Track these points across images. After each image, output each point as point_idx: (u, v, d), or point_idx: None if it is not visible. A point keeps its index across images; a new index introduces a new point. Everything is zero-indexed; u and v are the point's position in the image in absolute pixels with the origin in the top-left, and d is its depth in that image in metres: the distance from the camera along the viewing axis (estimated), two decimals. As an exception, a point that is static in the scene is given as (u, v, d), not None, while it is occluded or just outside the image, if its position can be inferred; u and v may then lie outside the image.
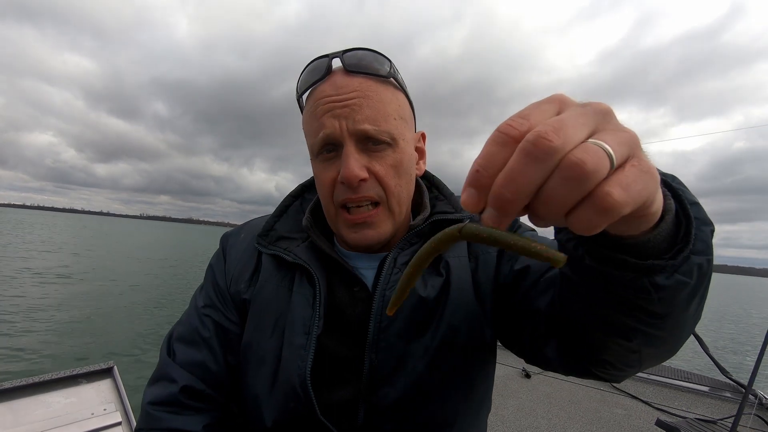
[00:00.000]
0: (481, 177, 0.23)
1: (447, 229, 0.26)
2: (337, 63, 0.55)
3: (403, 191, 0.57)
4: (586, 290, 0.38)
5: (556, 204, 0.22)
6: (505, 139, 0.23)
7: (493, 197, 0.23)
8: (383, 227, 0.57)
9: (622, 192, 0.22)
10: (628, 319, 0.37)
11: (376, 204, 0.55)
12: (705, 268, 0.33)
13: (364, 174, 0.53)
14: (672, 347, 0.42)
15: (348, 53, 0.54)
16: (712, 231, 0.34)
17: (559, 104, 0.25)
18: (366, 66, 0.54)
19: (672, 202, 0.32)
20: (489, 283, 0.59)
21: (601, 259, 0.33)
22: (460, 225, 0.25)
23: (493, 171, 0.23)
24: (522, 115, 0.24)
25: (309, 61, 0.56)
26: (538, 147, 0.21)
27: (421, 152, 0.64)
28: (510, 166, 0.22)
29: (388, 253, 0.60)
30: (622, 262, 0.32)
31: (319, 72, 0.55)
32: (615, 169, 0.22)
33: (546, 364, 0.53)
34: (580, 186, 0.22)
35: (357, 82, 0.53)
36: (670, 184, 0.34)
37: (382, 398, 0.55)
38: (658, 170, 0.30)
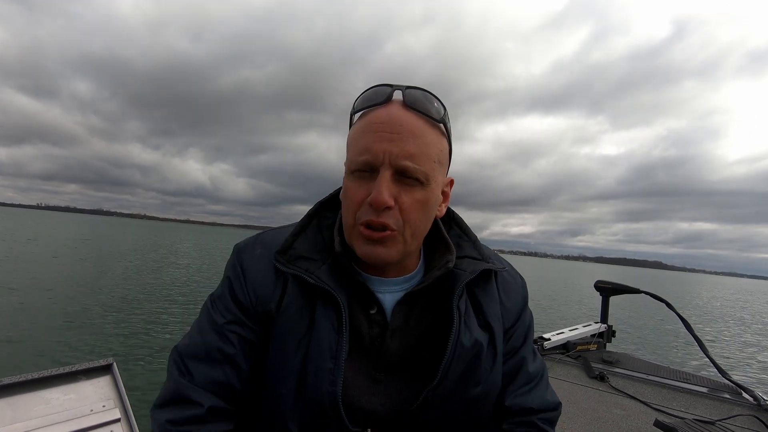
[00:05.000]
0: None
1: None
2: (398, 95, 0.59)
3: (420, 226, 0.60)
4: None
5: None
6: None
7: None
8: (393, 250, 0.59)
9: None
10: None
11: (392, 230, 0.58)
12: None
13: (392, 202, 0.56)
14: None
15: (410, 89, 0.59)
16: None
17: None
18: (421, 106, 0.58)
19: None
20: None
21: None
22: None
23: None
24: None
25: (372, 85, 0.61)
26: None
27: (445, 196, 0.67)
28: None
29: (402, 278, 0.66)
30: None
31: (380, 97, 0.59)
32: None
33: None
34: None
35: (411, 119, 0.57)
36: None
37: (416, 420, 0.62)
38: None
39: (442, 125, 0.61)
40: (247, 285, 0.64)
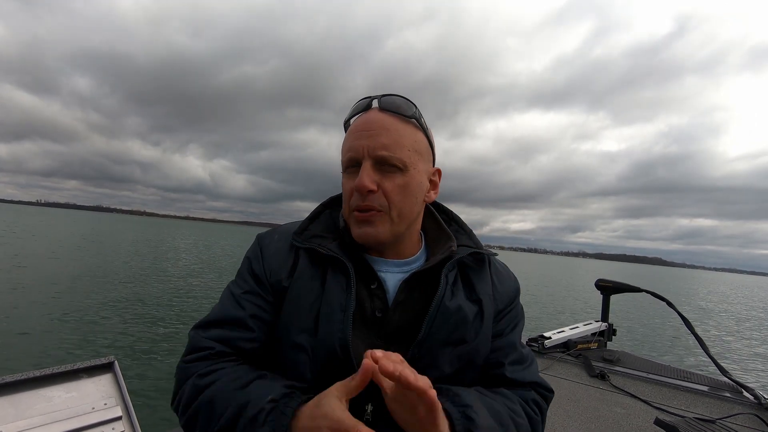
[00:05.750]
0: None
1: None
2: (375, 103, 0.70)
3: (405, 208, 0.69)
4: None
5: None
6: None
7: None
8: (381, 228, 0.68)
9: None
10: None
11: (378, 210, 0.67)
12: None
13: (374, 186, 0.65)
14: None
15: (385, 97, 0.69)
16: None
17: None
18: (393, 106, 0.68)
19: None
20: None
21: None
22: None
23: None
24: None
25: (359, 99, 0.72)
26: None
27: (434, 184, 0.76)
28: None
29: (408, 261, 0.73)
30: None
31: (361, 107, 0.70)
32: None
33: None
34: None
35: (384, 118, 0.67)
36: None
37: None
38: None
39: (414, 120, 0.69)
40: (264, 260, 0.73)
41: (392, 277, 0.72)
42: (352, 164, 0.68)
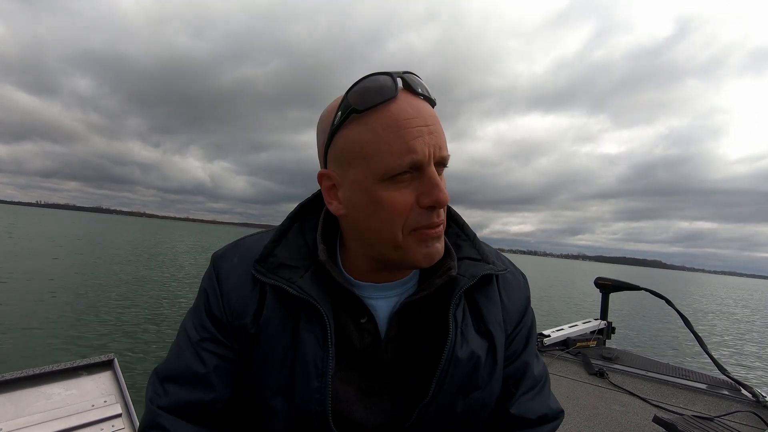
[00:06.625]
0: None
1: None
2: (399, 83, 0.52)
3: None
4: None
5: None
6: None
7: None
8: (443, 243, 0.57)
9: None
10: None
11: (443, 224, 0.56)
12: None
13: None
14: None
15: (409, 75, 0.53)
16: None
17: None
18: (427, 91, 0.54)
19: None
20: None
21: None
22: None
23: None
24: None
25: (366, 77, 0.52)
26: None
27: None
28: None
29: (401, 282, 0.62)
30: None
31: (389, 90, 0.51)
32: None
33: None
34: None
35: (429, 108, 0.53)
36: None
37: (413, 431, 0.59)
38: None
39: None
40: (222, 298, 0.60)
41: (386, 304, 0.61)
42: (409, 170, 0.51)
